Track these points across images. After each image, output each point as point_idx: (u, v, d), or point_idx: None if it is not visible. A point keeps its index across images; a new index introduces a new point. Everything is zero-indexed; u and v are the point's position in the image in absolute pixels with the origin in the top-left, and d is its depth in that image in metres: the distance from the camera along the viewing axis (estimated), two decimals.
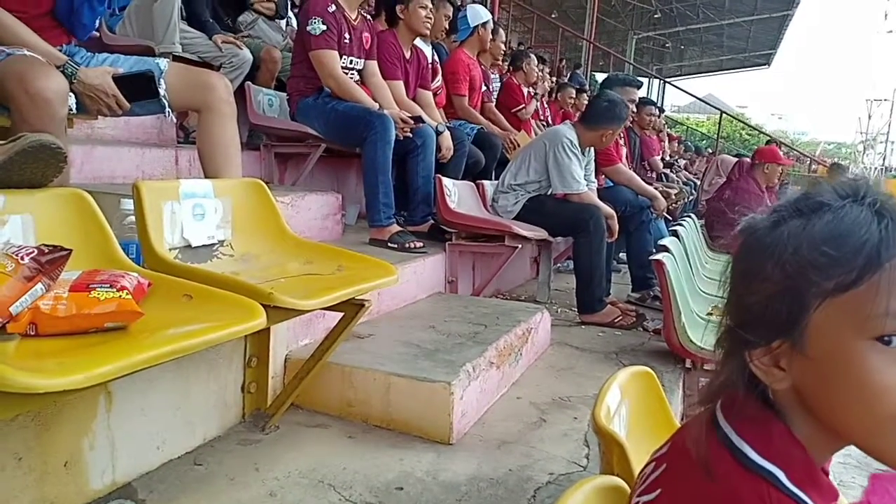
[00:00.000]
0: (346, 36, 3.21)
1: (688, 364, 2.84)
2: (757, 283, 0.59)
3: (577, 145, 3.46)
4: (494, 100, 5.29)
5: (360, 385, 1.93)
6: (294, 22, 4.36)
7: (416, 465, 1.71)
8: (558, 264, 4.62)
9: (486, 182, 3.73)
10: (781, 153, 7.37)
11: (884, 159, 39.88)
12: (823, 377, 0.57)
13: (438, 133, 3.39)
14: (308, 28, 3.10)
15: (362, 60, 3.36)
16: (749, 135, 26.86)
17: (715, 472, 0.59)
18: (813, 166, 18.80)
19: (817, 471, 0.60)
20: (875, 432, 0.55)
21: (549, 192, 3.45)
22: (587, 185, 3.51)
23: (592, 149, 3.66)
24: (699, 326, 3.05)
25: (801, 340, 0.57)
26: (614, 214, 3.51)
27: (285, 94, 3.48)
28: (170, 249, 1.64)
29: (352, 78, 3.25)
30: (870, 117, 44.54)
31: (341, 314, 1.81)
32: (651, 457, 0.72)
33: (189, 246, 1.69)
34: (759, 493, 0.56)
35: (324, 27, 3.09)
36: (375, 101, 3.20)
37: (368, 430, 1.88)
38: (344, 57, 3.22)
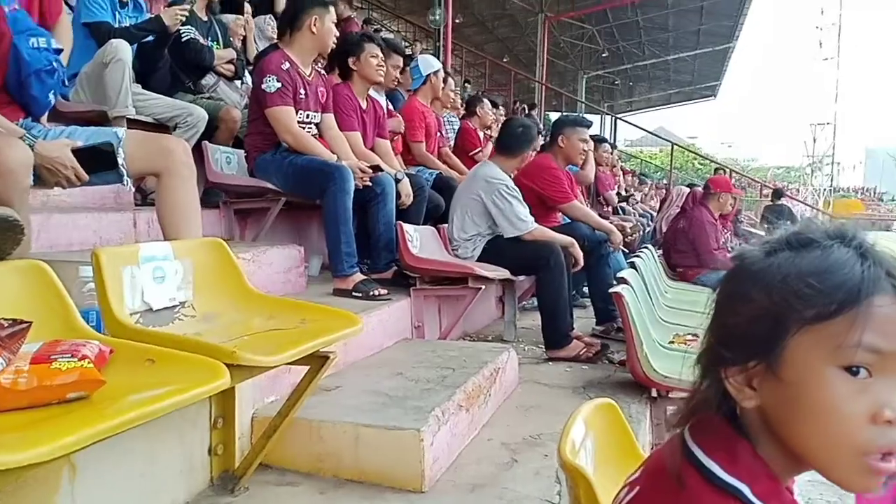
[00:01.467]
0: (302, 91, 3.27)
1: (654, 393, 2.89)
2: (742, 305, 0.64)
3: (513, 185, 3.56)
4: (451, 144, 5.41)
5: (329, 438, 1.92)
6: (250, 80, 4.43)
7: None
8: (524, 302, 4.66)
9: (447, 226, 3.78)
10: (732, 182, 7.64)
11: (831, 180, 41.40)
12: (791, 400, 0.61)
13: (397, 180, 3.45)
14: (263, 86, 3.15)
15: (319, 114, 3.42)
16: (701, 164, 27.68)
17: (685, 490, 0.62)
18: (764, 191, 19.40)
19: (781, 487, 0.64)
20: (832, 458, 0.60)
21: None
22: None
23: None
24: (662, 355, 3.11)
25: (776, 363, 0.61)
26: (574, 241, 3.58)
27: (243, 151, 3.51)
28: (131, 314, 1.63)
29: (309, 132, 3.31)
30: (815, 141, 46.37)
31: (307, 368, 1.81)
32: (624, 482, 0.75)
33: (150, 309, 1.69)
34: None
35: (278, 84, 3.14)
36: (333, 153, 3.25)
37: (340, 485, 1.87)
38: (300, 112, 3.27)
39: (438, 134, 4.89)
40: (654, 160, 28.28)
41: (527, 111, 12.11)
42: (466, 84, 12.47)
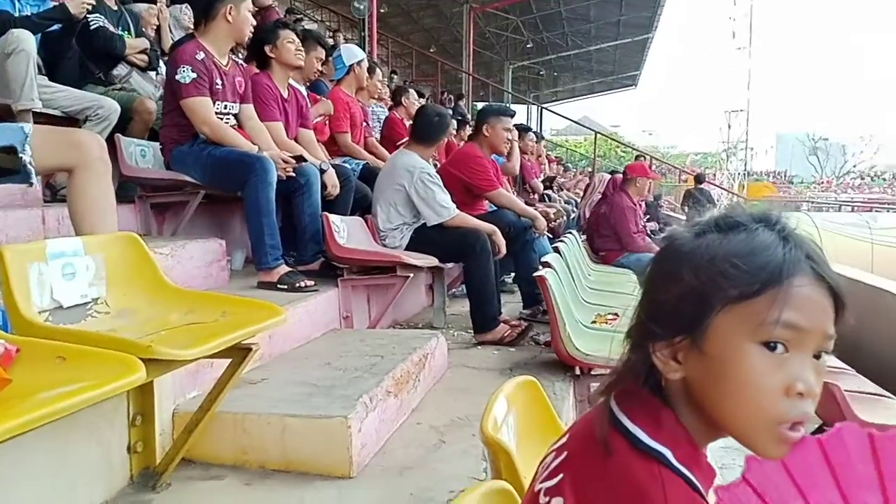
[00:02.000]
0: (218, 82, 3.19)
1: (577, 371, 2.99)
2: (672, 283, 0.68)
3: (434, 172, 3.60)
4: (378, 135, 5.40)
5: (254, 431, 1.91)
6: (164, 71, 4.29)
7: (317, 502, 1.71)
8: (453, 290, 4.72)
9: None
10: (649, 167, 7.92)
11: (745, 165, 43.33)
12: (713, 373, 0.65)
13: (322, 171, 3.43)
14: (177, 77, 3.06)
15: (237, 104, 3.35)
16: (623, 152, 28.46)
17: (612, 454, 0.66)
18: (683, 177, 20.15)
19: (700, 452, 0.69)
20: (749, 427, 0.65)
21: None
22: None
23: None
24: (584, 335, 3.22)
25: (701, 338, 0.65)
26: (496, 229, 3.64)
27: (158, 143, 3.40)
28: (39, 312, 1.57)
29: (228, 123, 3.24)
30: (729, 127, 48.44)
31: (229, 361, 1.79)
32: (550, 448, 0.78)
33: (60, 307, 1.63)
34: (650, 471, 0.64)
35: (193, 75, 3.06)
36: (254, 144, 3.19)
37: (266, 476, 1.86)
38: (217, 102, 3.20)
39: (364, 124, 4.87)
40: (578, 149, 28.92)
41: (454, 101, 12.18)
42: (393, 74, 12.42)
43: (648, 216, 7.89)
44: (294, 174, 3.16)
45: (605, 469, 0.66)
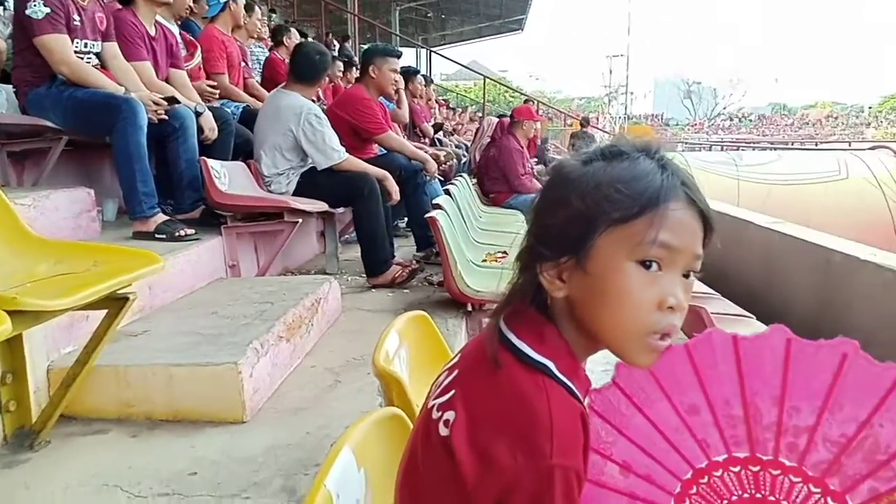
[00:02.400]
0: (76, 18, 2.92)
1: (469, 308, 3.07)
2: (560, 208, 0.71)
3: (322, 113, 3.51)
4: (259, 76, 5.17)
5: (137, 383, 1.84)
6: (12, 6, 3.87)
7: (209, 448, 1.69)
8: (346, 235, 4.68)
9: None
10: (536, 111, 8.07)
11: (625, 109, 45.14)
12: (595, 289, 0.69)
13: (198, 114, 3.25)
14: (28, 12, 2.77)
15: (99, 43, 3.08)
16: (512, 97, 28.83)
17: (501, 369, 0.69)
18: (568, 121, 20.73)
19: (579, 365, 0.74)
20: (624, 337, 0.70)
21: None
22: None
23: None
24: (476, 273, 3.30)
25: (584, 258, 0.69)
26: (388, 175, 3.62)
27: (11, 86, 3.10)
28: None
29: (89, 63, 2.98)
30: (611, 72, 50.06)
31: (105, 312, 1.71)
32: (443, 368, 0.81)
33: None
34: (535, 382, 0.68)
35: (46, 10, 2.78)
36: (120, 85, 2.97)
37: (154, 427, 1.81)
38: (76, 41, 2.93)
39: (243, 64, 4.64)
40: (468, 94, 28.98)
41: (340, 43, 11.80)
42: (272, 13, 11.83)
43: (536, 158, 8.09)
44: (166, 117, 2.98)
45: (494, 382, 0.70)
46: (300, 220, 3.22)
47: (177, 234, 2.77)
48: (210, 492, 1.50)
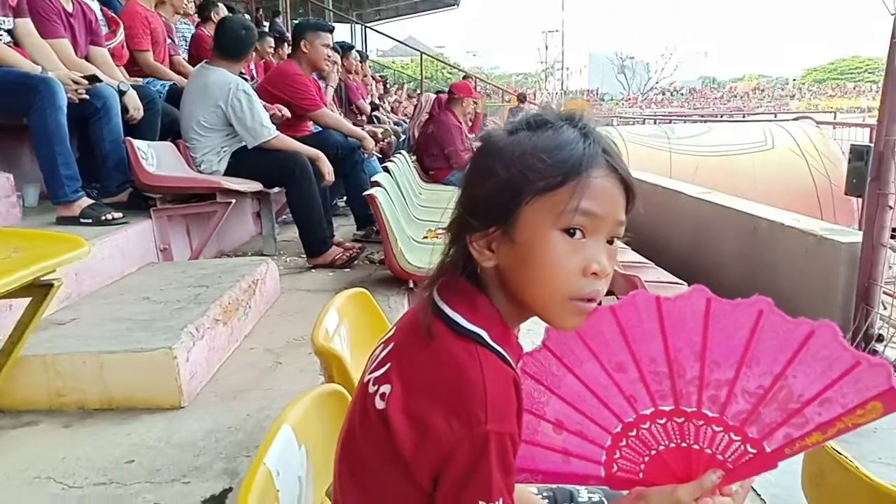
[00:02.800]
0: None
1: (411, 285, 3.08)
2: (488, 179, 0.71)
3: (251, 89, 3.42)
4: (186, 53, 4.98)
5: (68, 372, 1.78)
6: None
7: (147, 435, 1.65)
8: (283, 216, 4.60)
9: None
10: (474, 87, 8.07)
11: (562, 84, 45.61)
12: (521, 258, 0.70)
13: (122, 93, 3.11)
14: None
15: (11, 19, 2.91)
16: (450, 73, 28.72)
17: (435, 339, 0.70)
18: (506, 97, 20.80)
19: (510, 332, 0.75)
20: (551, 303, 0.71)
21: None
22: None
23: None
24: (417, 249, 3.31)
25: (511, 228, 0.70)
26: (321, 156, 3.56)
27: None
28: None
29: (1, 41, 2.82)
30: (546, 48, 50.40)
31: (29, 300, 1.64)
32: (378, 342, 0.81)
33: None
34: (468, 350, 0.69)
35: None
36: (37, 64, 2.82)
37: (87, 416, 1.76)
38: None
39: (168, 41, 4.45)
40: (405, 70, 28.71)
41: (271, 18, 11.48)
42: None
43: (475, 135, 8.10)
44: (88, 97, 2.84)
45: (428, 353, 0.70)
46: (233, 201, 3.15)
47: (103, 217, 2.67)
48: (148, 478, 1.47)
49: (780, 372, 0.73)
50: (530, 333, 0.83)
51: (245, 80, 3.68)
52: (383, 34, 17.55)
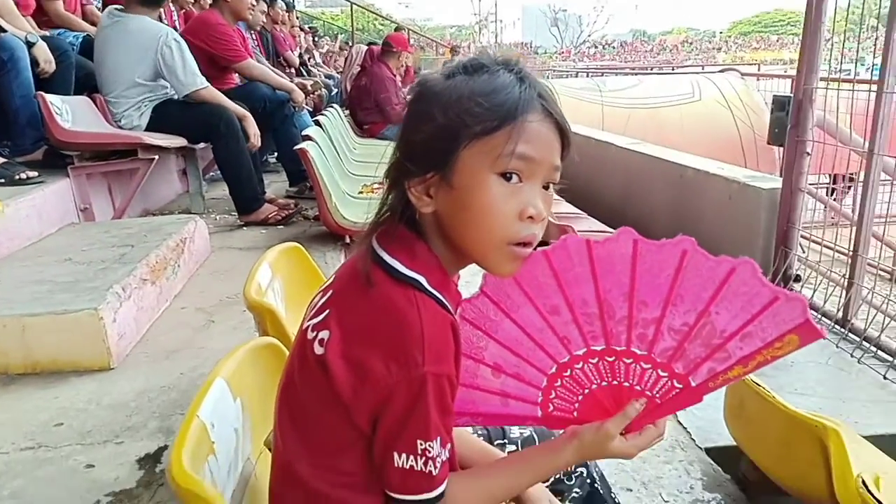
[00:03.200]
0: None
1: (347, 240, 3.05)
2: (425, 123, 0.70)
3: (178, 36, 3.26)
4: (100, 2, 4.68)
5: None
6: None
7: (76, 398, 1.60)
8: (211, 172, 4.45)
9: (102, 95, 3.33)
10: (408, 39, 7.91)
11: (496, 37, 45.28)
12: (460, 203, 0.70)
13: (30, 44, 2.91)
14: None
15: None
16: (382, 25, 28.04)
17: (374, 285, 0.70)
18: (440, 50, 20.53)
19: (449, 279, 0.75)
20: (488, 248, 0.71)
21: (172, 97, 3.25)
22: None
23: None
24: (352, 205, 3.27)
25: (449, 173, 0.69)
26: (248, 115, 3.42)
27: None
28: None
29: None
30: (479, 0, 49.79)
31: None
32: (318, 290, 0.80)
33: None
34: (407, 296, 0.69)
35: None
36: None
37: (11, 381, 1.69)
38: None
39: None
40: (336, 21, 27.88)
41: None
42: None
43: (407, 88, 7.98)
44: None
45: (367, 299, 0.70)
46: (156, 157, 3.02)
47: (17, 177, 2.52)
48: (79, 440, 1.43)
49: (704, 309, 0.76)
50: (468, 286, 0.83)
51: None
52: None
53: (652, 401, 0.80)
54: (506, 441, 0.99)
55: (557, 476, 0.99)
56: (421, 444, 0.68)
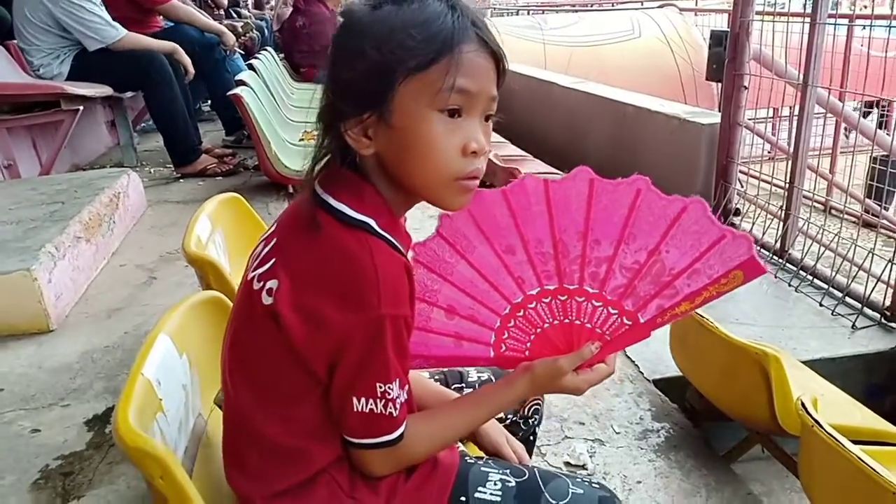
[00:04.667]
0: None
1: (290, 189, 2.97)
2: (355, 60, 0.66)
3: None
4: None
5: None
6: None
7: (16, 362, 1.54)
8: (142, 123, 4.25)
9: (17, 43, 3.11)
10: None
11: None
12: (401, 143, 0.67)
13: None
14: None
15: None
16: None
17: (322, 231, 0.67)
18: None
19: (398, 220, 0.73)
20: (435, 185, 0.69)
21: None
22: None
23: None
24: (293, 153, 3.17)
25: (387, 112, 0.66)
26: (177, 48, 3.24)
27: None
28: None
29: None
30: None
31: None
32: (259, 240, 0.76)
33: None
34: (357, 239, 0.67)
35: None
36: None
37: None
38: None
39: None
40: None
41: None
42: None
43: None
44: None
45: (317, 245, 0.68)
46: (81, 108, 2.85)
47: None
48: (23, 405, 1.38)
49: (655, 247, 0.76)
50: (421, 231, 0.82)
51: None
52: None
53: (602, 338, 0.81)
54: (463, 385, 1.00)
55: (514, 420, 1.01)
56: (380, 387, 0.67)
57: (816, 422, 1.06)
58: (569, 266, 0.79)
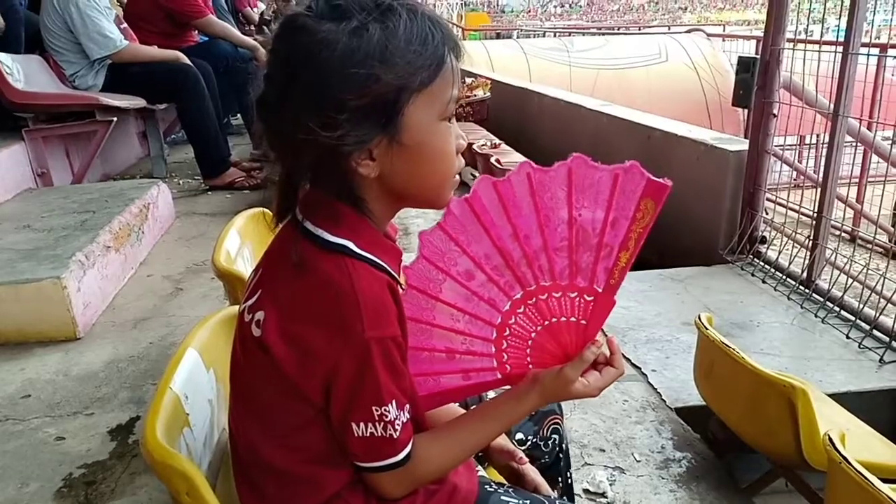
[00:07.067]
0: None
1: None
2: (362, 87, 0.63)
3: None
4: None
5: None
6: None
7: (42, 369, 1.57)
8: (173, 134, 4.32)
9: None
10: None
11: None
12: (413, 158, 0.68)
13: None
14: None
15: None
16: None
17: (302, 260, 0.67)
18: None
19: (381, 237, 0.72)
20: (440, 189, 0.72)
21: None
22: None
23: None
24: None
25: (398, 132, 0.66)
26: (180, 55, 3.25)
27: None
28: None
29: None
30: None
31: None
32: (252, 271, 0.77)
33: None
34: (336, 263, 0.66)
35: None
36: None
37: None
38: None
39: None
40: None
41: None
42: None
43: None
44: None
45: (297, 274, 0.67)
46: (115, 119, 2.91)
47: None
48: (48, 412, 1.40)
49: (569, 216, 0.77)
50: None
51: None
52: None
53: (579, 325, 0.80)
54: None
55: (534, 441, 1.00)
56: (377, 410, 0.67)
57: (845, 458, 1.04)
58: (520, 270, 0.79)
